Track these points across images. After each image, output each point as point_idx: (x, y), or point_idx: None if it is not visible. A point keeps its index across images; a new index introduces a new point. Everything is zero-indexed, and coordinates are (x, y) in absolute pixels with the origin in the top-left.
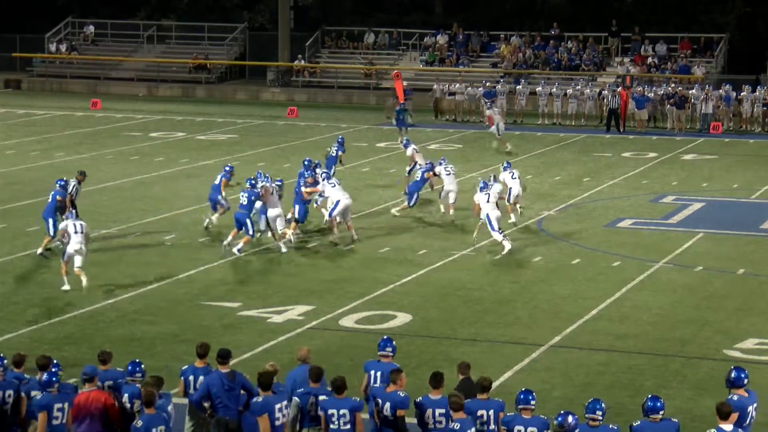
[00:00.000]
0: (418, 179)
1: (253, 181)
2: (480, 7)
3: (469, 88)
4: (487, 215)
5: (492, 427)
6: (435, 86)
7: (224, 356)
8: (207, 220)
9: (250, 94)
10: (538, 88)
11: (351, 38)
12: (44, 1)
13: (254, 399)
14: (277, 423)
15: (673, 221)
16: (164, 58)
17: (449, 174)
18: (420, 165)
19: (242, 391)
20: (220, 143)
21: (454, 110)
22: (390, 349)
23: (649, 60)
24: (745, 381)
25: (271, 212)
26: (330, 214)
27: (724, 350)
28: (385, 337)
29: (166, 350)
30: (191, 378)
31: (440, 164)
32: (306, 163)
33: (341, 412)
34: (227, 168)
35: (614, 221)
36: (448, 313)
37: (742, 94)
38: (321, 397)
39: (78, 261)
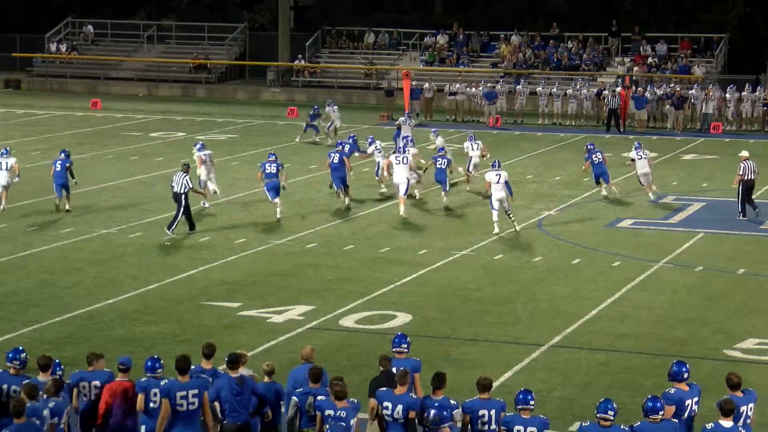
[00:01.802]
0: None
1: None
2: (480, 6)
3: (468, 88)
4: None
5: (493, 427)
6: (426, 85)
7: (234, 361)
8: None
9: (250, 94)
10: (538, 88)
11: (351, 38)
12: (44, 0)
13: (162, 382)
14: (180, 409)
15: (673, 221)
16: (164, 58)
17: (641, 158)
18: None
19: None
20: (220, 143)
21: (454, 110)
22: (405, 345)
23: (649, 60)
24: (686, 375)
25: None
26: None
27: (725, 350)
28: (399, 333)
29: (166, 350)
30: None
31: (635, 148)
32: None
33: (338, 413)
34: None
35: (614, 221)
36: (448, 313)
37: (742, 94)
38: (319, 397)
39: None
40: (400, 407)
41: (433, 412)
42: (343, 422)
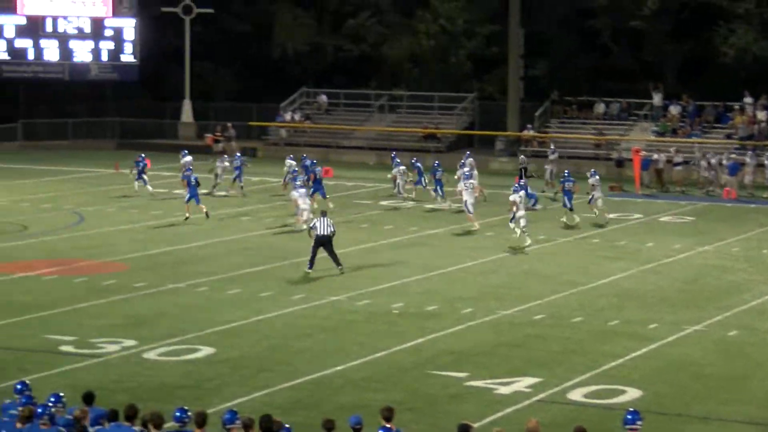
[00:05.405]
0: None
1: None
2: (713, 75)
3: (702, 161)
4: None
5: None
6: (656, 156)
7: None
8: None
9: (479, 163)
10: None
11: (581, 108)
12: (281, 72)
13: None
14: None
15: None
16: (395, 126)
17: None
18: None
19: None
20: (445, 212)
21: (682, 182)
22: (640, 422)
23: None
24: None
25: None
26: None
27: None
28: (632, 410)
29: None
30: None
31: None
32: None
33: None
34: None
35: None
36: (680, 389)
37: None
38: None
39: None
40: None
41: None
42: None
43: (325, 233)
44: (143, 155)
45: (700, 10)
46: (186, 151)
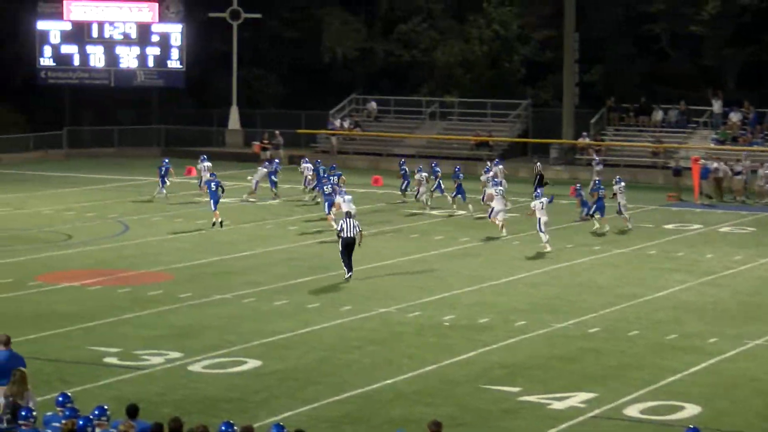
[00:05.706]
0: None
1: None
2: None
3: (760, 170)
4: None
5: None
6: (716, 165)
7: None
8: None
9: (533, 172)
10: None
11: (638, 115)
12: (329, 78)
13: None
14: None
15: None
16: (446, 134)
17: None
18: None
19: None
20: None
21: (741, 191)
22: None
23: None
24: None
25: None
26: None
27: None
28: (692, 427)
29: None
30: None
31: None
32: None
33: None
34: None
35: None
36: (741, 406)
37: None
38: None
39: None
40: None
41: None
42: None
43: (351, 235)
44: (167, 160)
45: (761, 14)
46: (205, 156)
